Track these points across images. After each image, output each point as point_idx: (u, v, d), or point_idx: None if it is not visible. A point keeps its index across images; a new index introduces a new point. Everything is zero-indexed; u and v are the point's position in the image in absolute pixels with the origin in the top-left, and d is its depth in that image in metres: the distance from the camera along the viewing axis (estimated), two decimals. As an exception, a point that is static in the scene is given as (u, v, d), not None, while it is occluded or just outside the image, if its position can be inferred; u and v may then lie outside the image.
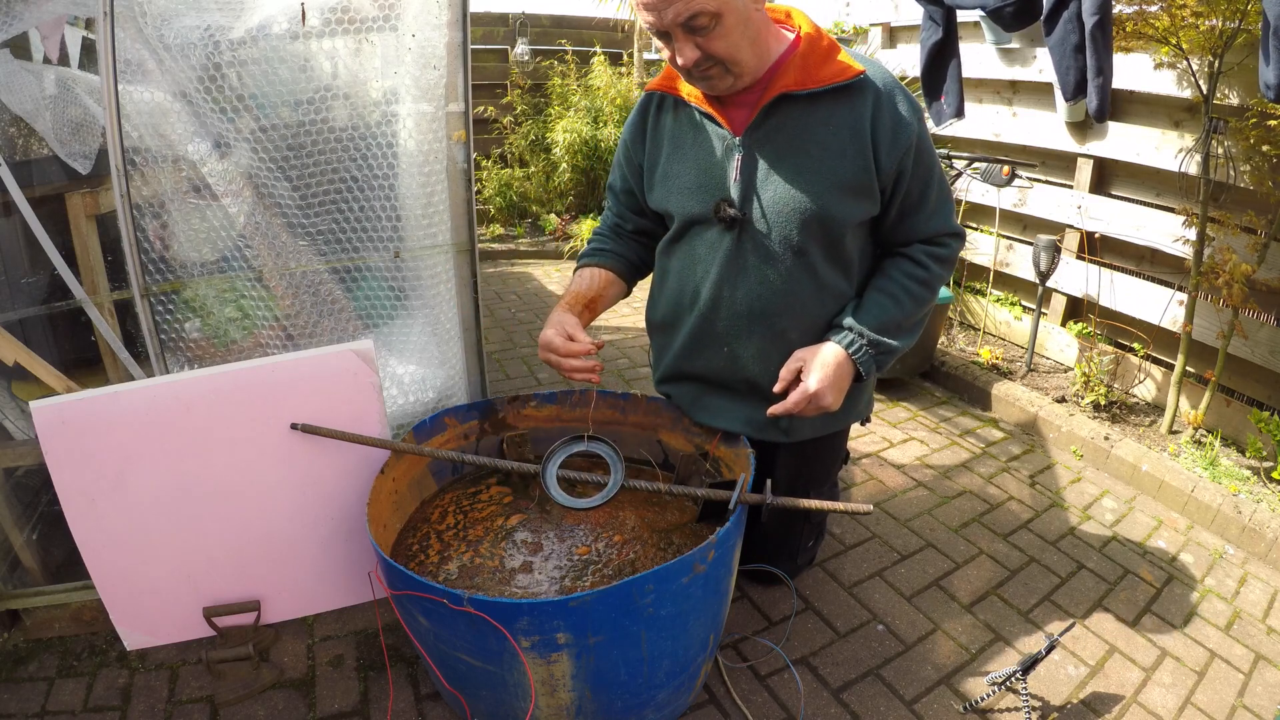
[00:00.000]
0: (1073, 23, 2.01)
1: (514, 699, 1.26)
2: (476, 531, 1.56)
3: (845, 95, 1.33)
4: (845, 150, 1.33)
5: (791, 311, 1.44)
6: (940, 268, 1.47)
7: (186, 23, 1.52)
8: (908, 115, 1.34)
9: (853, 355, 1.40)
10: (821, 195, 1.34)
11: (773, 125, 1.35)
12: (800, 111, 1.33)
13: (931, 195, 1.43)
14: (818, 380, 1.36)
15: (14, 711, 1.44)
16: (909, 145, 1.34)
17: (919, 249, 1.46)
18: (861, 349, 1.40)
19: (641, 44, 5.68)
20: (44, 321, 1.76)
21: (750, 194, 1.38)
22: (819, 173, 1.34)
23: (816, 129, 1.33)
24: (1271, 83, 1.71)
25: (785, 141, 1.35)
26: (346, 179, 1.66)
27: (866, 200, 1.38)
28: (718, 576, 1.31)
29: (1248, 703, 1.55)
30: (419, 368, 1.88)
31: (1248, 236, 2.32)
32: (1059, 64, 2.07)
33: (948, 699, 1.54)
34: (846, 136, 1.33)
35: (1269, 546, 2.03)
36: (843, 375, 1.40)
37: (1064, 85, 2.09)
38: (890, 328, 1.42)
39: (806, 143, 1.34)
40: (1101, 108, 2.04)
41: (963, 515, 2.19)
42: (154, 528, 1.44)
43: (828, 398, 1.37)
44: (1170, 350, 2.69)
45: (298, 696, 1.50)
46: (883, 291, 1.44)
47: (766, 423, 1.52)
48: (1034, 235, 2.88)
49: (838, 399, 1.39)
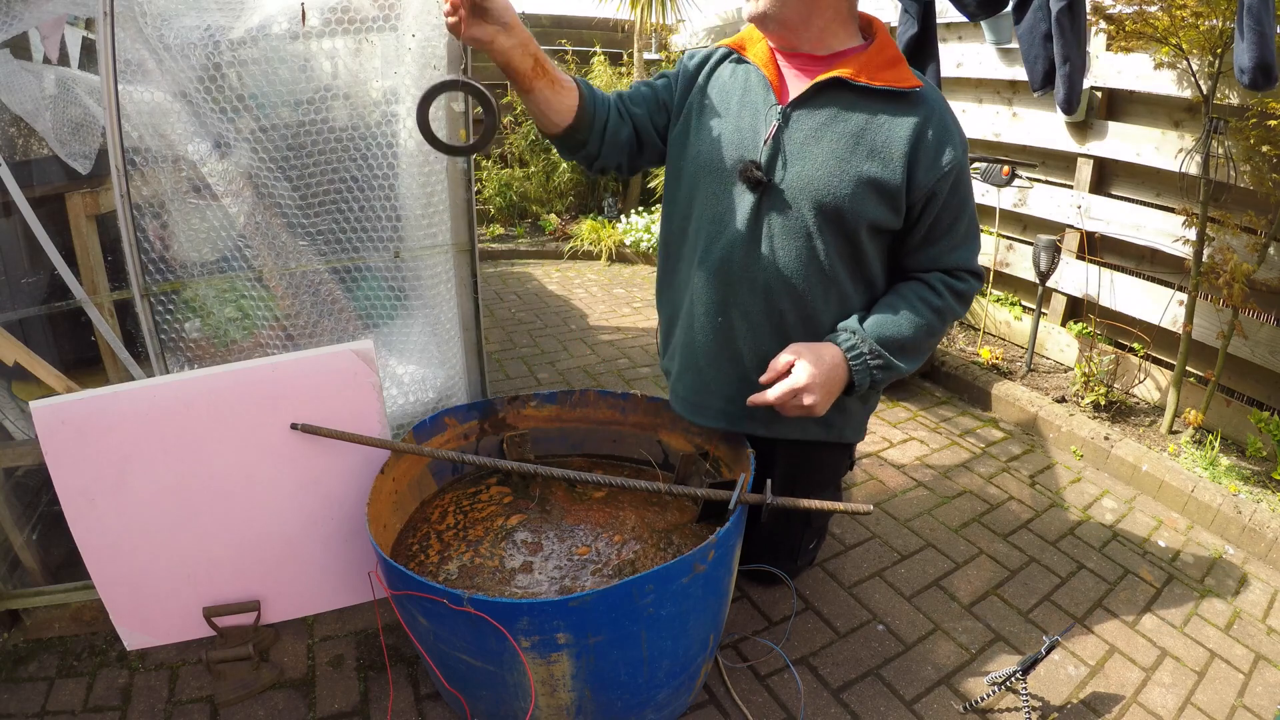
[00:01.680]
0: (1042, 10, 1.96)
1: (514, 699, 1.26)
2: (476, 531, 1.56)
3: (897, 102, 1.34)
4: (880, 151, 1.33)
5: (793, 293, 1.42)
6: (955, 301, 1.45)
7: (186, 23, 1.52)
8: (954, 142, 1.36)
9: (849, 359, 1.38)
10: (844, 183, 1.34)
11: (818, 104, 1.35)
12: (849, 101, 1.35)
13: (960, 228, 1.42)
14: (807, 375, 1.33)
15: (14, 711, 1.44)
16: (948, 171, 1.35)
17: (937, 277, 1.45)
18: (860, 356, 1.38)
19: (641, 44, 5.67)
20: (44, 321, 1.76)
21: (776, 161, 1.37)
22: (848, 161, 1.34)
23: (859, 122, 1.34)
24: (1246, 66, 1.65)
25: (824, 122, 1.35)
26: (346, 179, 1.66)
27: (888, 207, 1.37)
28: (718, 576, 1.31)
29: (1248, 703, 1.55)
30: (419, 368, 1.88)
31: (1248, 236, 2.32)
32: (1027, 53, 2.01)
33: (948, 699, 1.54)
34: (886, 140, 1.33)
35: (1269, 546, 2.03)
36: (834, 379, 1.37)
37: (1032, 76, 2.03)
38: (894, 345, 1.39)
39: (845, 131, 1.34)
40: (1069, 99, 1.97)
41: (963, 515, 2.18)
42: (154, 528, 1.44)
43: (813, 396, 1.33)
44: (1170, 350, 2.69)
45: (298, 696, 1.49)
46: (893, 308, 1.42)
47: (744, 412, 1.51)
48: (1034, 235, 2.89)
49: (824, 402, 1.36)
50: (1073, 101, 1.99)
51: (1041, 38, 1.98)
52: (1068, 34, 1.91)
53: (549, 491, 1.69)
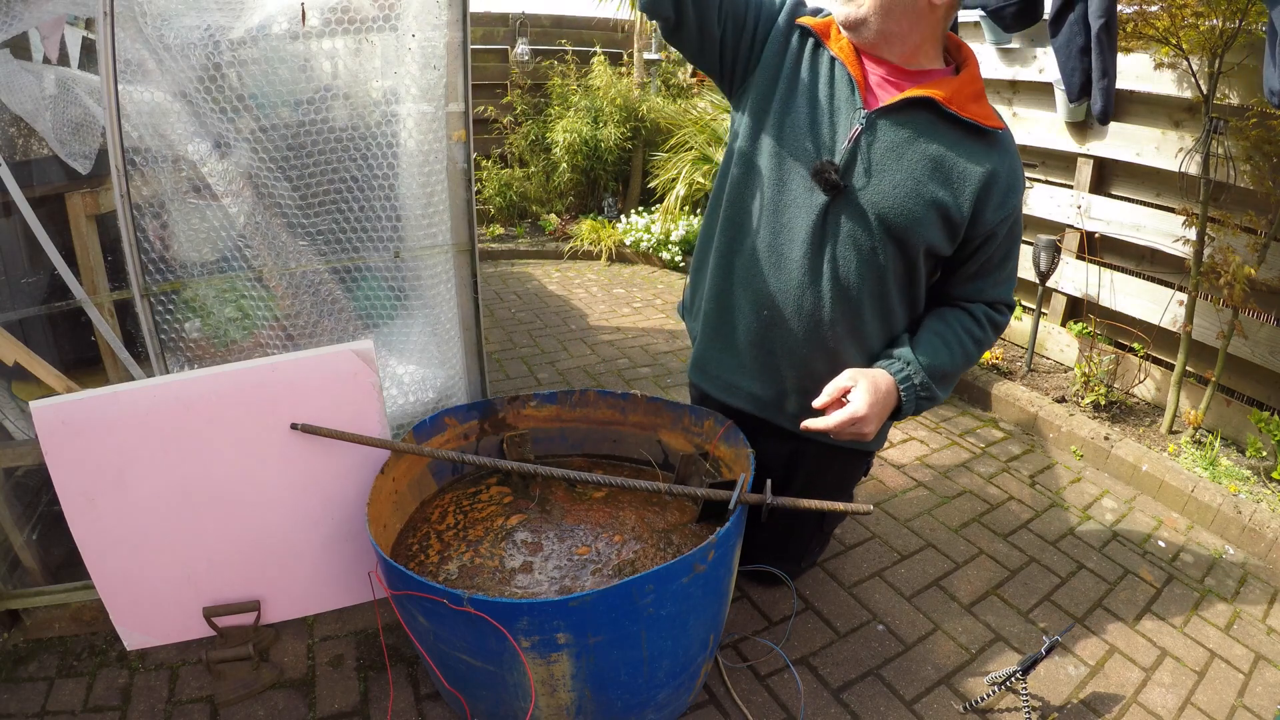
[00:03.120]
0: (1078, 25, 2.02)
1: (514, 699, 1.26)
2: (476, 531, 1.56)
3: (978, 139, 1.35)
4: (954, 183, 1.33)
5: (847, 302, 1.41)
6: (993, 333, 1.49)
7: (186, 23, 1.52)
8: (1019, 188, 1.40)
9: (901, 388, 1.38)
10: (917, 205, 1.33)
11: (903, 119, 1.34)
12: (932, 123, 1.34)
13: (1009, 265, 1.48)
14: (867, 404, 1.33)
15: (14, 711, 1.44)
16: (1011, 213, 1.38)
17: (981, 309, 1.47)
18: (911, 387, 1.39)
19: (641, 44, 5.68)
20: (44, 321, 1.76)
21: (855, 168, 1.35)
22: (924, 185, 1.33)
23: (940, 148, 1.33)
24: (1276, 88, 1.72)
25: (907, 139, 1.34)
26: (346, 179, 1.66)
27: (948, 235, 1.37)
28: (718, 576, 1.31)
29: (1248, 703, 1.55)
30: (419, 368, 1.88)
31: (1248, 236, 2.32)
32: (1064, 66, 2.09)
33: (948, 699, 1.54)
34: (963, 173, 1.33)
35: (1269, 546, 2.03)
36: (888, 407, 1.38)
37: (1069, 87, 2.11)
38: (939, 375, 1.41)
39: (926, 153, 1.33)
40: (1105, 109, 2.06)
41: (963, 515, 2.18)
42: (154, 528, 1.44)
43: (870, 425, 1.34)
44: (1170, 350, 2.69)
45: (298, 696, 1.49)
46: (941, 337, 1.43)
47: (772, 403, 1.54)
48: (1034, 235, 2.88)
49: (876, 429, 1.37)
50: (1109, 111, 2.06)
51: (1078, 51, 2.04)
52: (1106, 49, 1.97)
53: (549, 491, 1.69)
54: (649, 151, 5.31)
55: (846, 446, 1.58)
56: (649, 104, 5.36)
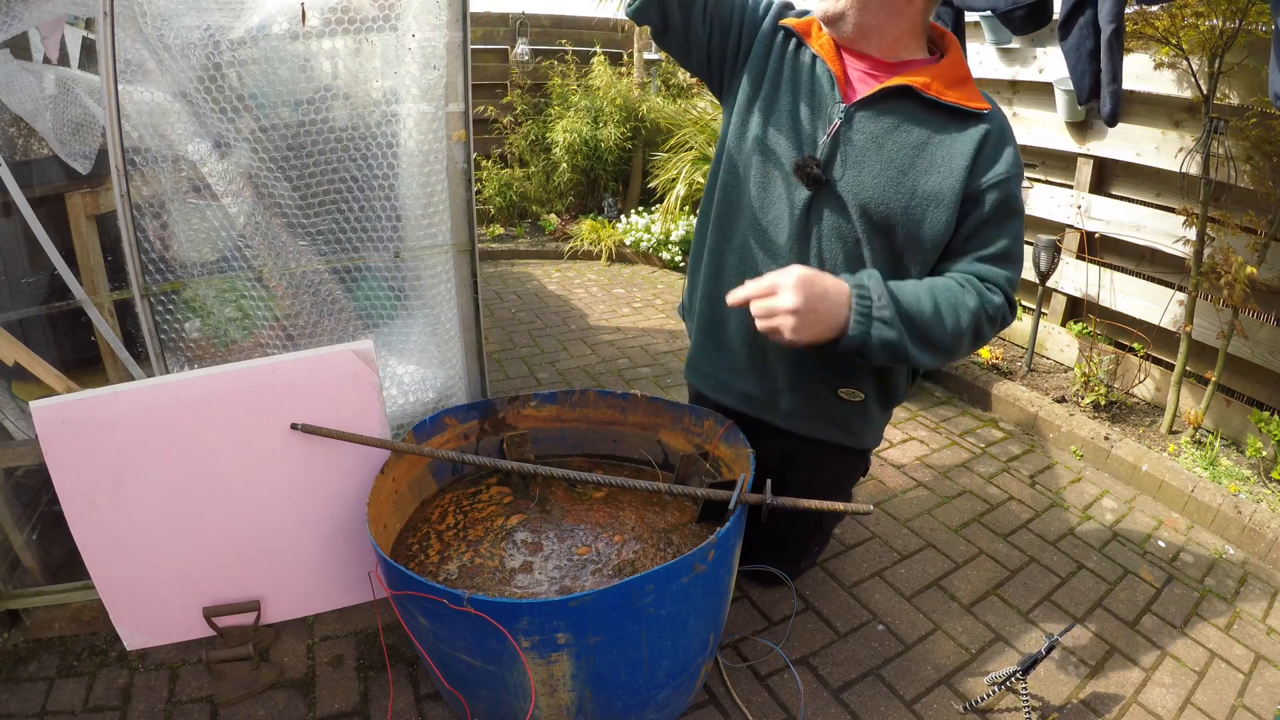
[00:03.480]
0: (1088, 29, 2.04)
1: (514, 699, 1.26)
2: (476, 531, 1.56)
3: (961, 121, 1.34)
4: (941, 166, 1.32)
5: None
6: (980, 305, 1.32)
7: (186, 23, 1.52)
8: (1008, 159, 1.33)
9: (853, 297, 1.23)
10: (900, 195, 1.33)
11: (883, 110, 1.34)
12: (914, 111, 1.33)
13: (1001, 243, 1.36)
14: (794, 280, 1.19)
15: (14, 711, 1.44)
16: (997, 183, 1.32)
17: (969, 278, 1.35)
18: (864, 300, 1.24)
19: (641, 44, 5.68)
20: (44, 321, 1.76)
21: (835, 161, 1.36)
22: (907, 174, 1.32)
23: (922, 135, 1.33)
24: None
25: (887, 130, 1.34)
26: (346, 179, 1.66)
27: (944, 217, 1.32)
28: (718, 576, 1.31)
29: (1248, 703, 1.55)
30: (419, 368, 1.88)
31: (1248, 236, 2.32)
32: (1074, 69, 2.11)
33: (948, 699, 1.54)
34: (949, 154, 1.32)
35: (1269, 546, 2.03)
36: (828, 306, 1.22)
37: (1079, 90, 2.13)
38: (905, 312, 1.26)
39: (907, 142, 1.33)
40: (1114, 112, 2.08)
41: (963, 515, 2.18)
42: (154, 528, 1.44)
43: (792, 301, 1.18)
44: (1170, 350, 2.69)
45: (298, 696, 1.50)
46: (917, 285, 1.32)
47: (766, 402, 1.53)
48: (1034, 235, 2.88)
49: (801, 323, 1.20)
50: (1117, 114, 2.07)
51: (1088, 54, 2.06)
52: (1115, 54, 1.98)
53: (549, 491, 1.69)
54: (649, 151, 5.31)
55: (843, 445, 1.59)
56: (649, 104, 5.36)
